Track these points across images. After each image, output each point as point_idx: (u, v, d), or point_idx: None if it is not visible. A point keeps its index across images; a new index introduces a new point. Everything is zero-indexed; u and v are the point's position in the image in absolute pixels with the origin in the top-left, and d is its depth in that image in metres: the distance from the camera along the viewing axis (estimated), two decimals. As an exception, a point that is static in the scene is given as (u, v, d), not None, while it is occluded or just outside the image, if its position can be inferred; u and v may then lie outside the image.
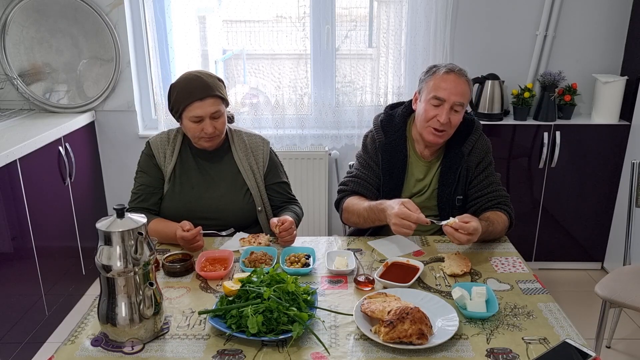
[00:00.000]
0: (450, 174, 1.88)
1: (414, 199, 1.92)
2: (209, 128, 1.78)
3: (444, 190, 1.89)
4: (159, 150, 1.90)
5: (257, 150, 1.96)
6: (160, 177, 1.90)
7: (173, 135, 1.93)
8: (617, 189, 3.07)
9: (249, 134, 1.99)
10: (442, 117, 1.77)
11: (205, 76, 1.81)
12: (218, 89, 1.80)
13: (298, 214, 1.97)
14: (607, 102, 2.99)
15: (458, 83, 1.79)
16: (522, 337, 1.27)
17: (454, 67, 1.83)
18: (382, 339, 1.21)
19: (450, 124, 1.80)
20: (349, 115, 3.20)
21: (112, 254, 1.20)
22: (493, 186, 1.88)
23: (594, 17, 3.04)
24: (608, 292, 2.07)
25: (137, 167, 1.94)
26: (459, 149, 1.88)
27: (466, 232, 1.58)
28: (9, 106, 3.06)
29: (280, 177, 2.01)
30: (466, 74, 1.84)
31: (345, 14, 3.08)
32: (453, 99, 1.77)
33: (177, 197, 1.88)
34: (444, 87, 1.78)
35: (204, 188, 1.89)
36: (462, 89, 1.79)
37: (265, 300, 1.27)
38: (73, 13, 2.94)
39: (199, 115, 1.77)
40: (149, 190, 1.89)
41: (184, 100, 1.77)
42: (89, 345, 1.26)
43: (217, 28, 3.23)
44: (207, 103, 1.77)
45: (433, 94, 1.80)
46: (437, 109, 1.79)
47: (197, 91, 1.76)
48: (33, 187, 2.46)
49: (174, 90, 1.82)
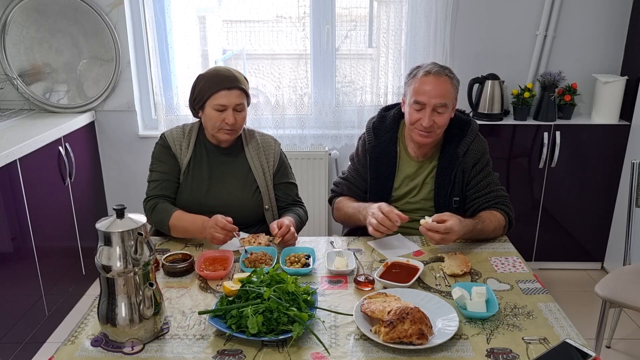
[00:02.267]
0: (446, 176, 1.88)
1: (408, 199, 1.93)
2: (231, 118, 1.81)
3: (440, 192, 1.89)
4: (175, 142, 1.92)
5: (269, 150, 1.98)
6: (176, 166, 1.91)
7: (188, 129, 1.95)
8: (617, 189, 3.07)
9: (261, 133, 2.03)
10: (425, 120, 1.77)
11: (235, 71, 1.87)
12: (244, 85, 1.86)
13: (301, 216, 1.98)
14: (607, 102, 2.99)
15: (437, 84, 1.78)
16: (522, 337, 1.27)
17: (432, 67, 1.80)
18: (382, 339, 1.22)
19: (436, 125, 1.80)
20: (349, 115, 3.20)
21: (112, 254, 1.20)
22: (491, 187, 1.88)
23: (594, 17, 3.04)
24: (608, 292, 2.07)
25: (152, 158, 1.94)
26: (454, 151, 1.88)
27: (438, 231, 1.61)
28: (9, 106, 3.05)
29: (289, 178, 2.03)
30: (448, 72, 1.82)
31: (345, 14, 3.08)
32: (433, 102, 1.76)
33: (189, 190, 1.89)
34: (423, 90, 1.78)
35: (214, 183, 1.91)
36: (442, 90, 1.77)
37: (265, 300, 1.27)
38: (73, 13, 2.94)
39: (224, 103, 1.80)
40: (168, 178, 1.89)
41: (212, 88, 1.81)
42: (89, 345, 1.26)
43: (217, 28, 3.23)
44: (234, 94, 1.81)
45: (414, 98, 1.80)
46: (419, 113, 1.79)
47: (226, 81, 1.81)
48: (33, 187, 2.46)
49: (201, 80, 1.85)
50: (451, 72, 1.84)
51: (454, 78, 1.83)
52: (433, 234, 1.62)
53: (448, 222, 1.62)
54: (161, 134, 1.96)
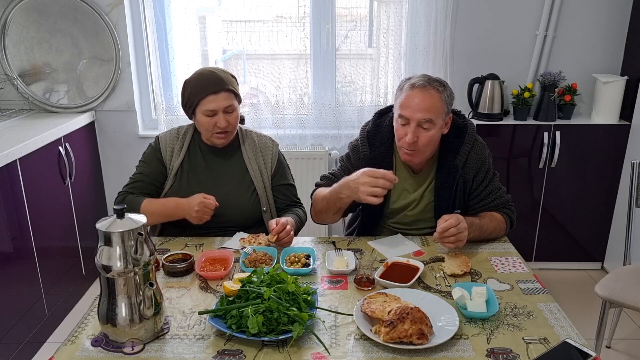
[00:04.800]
0: (446, 190, 1.79)
1: (406, 212, 1.87)
2: (222, 122, 1.80)
3: (441, 205, 1.82)
4: (167, 146, 1.91)
5: (266, 151, 1.97)
6: (161, 171, 1.91)
7: (183, 131, 1.95)
8: (617, 189, 3.07)
9: (259, 134, 2.01)
10: (409, 136, 1.68)
11: (219, 71, 1.85)
12: (231, 84, 1.84)
13: (300, 216, 1.97)
14: (607, 102, 2.99)
15: (422, 98, 1.67)
16: (522, 337, 1.27)
17: (419, 80, 1.70)
18: (382, 339, 1.21)
19: (420, 143, 1.69)
20: (349, 115, 3.20)
21: (112, 254, 1.20)
22: (493, 194, 1.83)
23: (594, 17, 3.04)
24: (608, 292, 2.07)
25: (142, 157, 1.95)
26: (452, 162, 1.78)
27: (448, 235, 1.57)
28: (9, 106, 3.06)
29: (287, 180, 2.02)
30: (437, 86, 1.70)
31: (345, 14, 3.08)
32: (417, 117, 1.66)
33: (184, 192, 1.88)
34: (407, 104, 1.68)
35: (210, 185, 1.90)
36: (427, 104, 1.66)
37: (266, 300, 1.27)
38: (73, 13, 2.94)
39: (212, 108, 1.79)
40: (146, 180, 1.90)
41: (199, 94, 1.80)
42: (89, 345, 1.25)
43: (217, 28, 3.23)
44: (221, 97, 1.80)
45: (399, 112, 1.72)
46: (404, 128, 1.70)
47: (211, 85, 1.79)
48: (33, 187, 2.46)
49: (188, 86, 1.84)
50: (442, 84, 1.72)
51: (444, 92, 1.71)
52: (448, 237, 1.59)
53: (449, 219, 1.60)
54: (157, 136, 1.96)
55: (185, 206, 1.76)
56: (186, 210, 1.75)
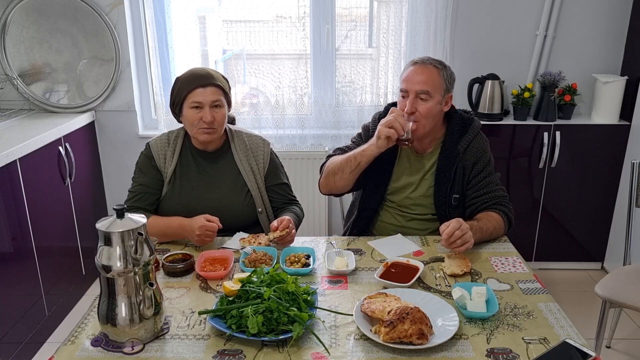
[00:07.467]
0: (446, 172, 1.88)
1: (407, 194, 1.93)
2: (208, 116, 1.79)
3: (440, 189, 1.88)
4: (158, 152, 1.90)
5: (258, 151, 1.96)
6: (158, 178, 1.90)
7: (174, 136, 1.93)
8: (617, 189, 3.07)
9: (249, 134, 1.99)
10: (407, 106, 1.80)
11: (211, 70, 1.87)
12: (221, 82, 1.85)
13: (298, 214, 1.97)
14: (607, 102, 2.99)
15: (420, 72, 1.81)
16: (522, 337, 1.27)
17: (420, 59, 1.86)
18: (382, 339, 1.22)
19: (420, 114, 1.80)
20: (349, 115, 3.20)
21: (112, 254, 1.20)
22: (490, 187, 1.87)
23: (594, 17, 3.04)
24: (608, 292, 2.07)
25: (136, 167, 1.94)
26: (454, 147, 1.88)
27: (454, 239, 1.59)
28: (9, 106, 3.06)
29: (281, 179, 2.01)
30: (437, 63, 1.84)
31: (345, 14, 3.08)
32: (415, 88, 1.79)
33: (177, 198, 1.87)
34: (407, 79, 1.83)
35: (204, 189, 1.89)
36: (424, 77, 1.80)
37: (266, 300, 1.27)
38: (73, 13, 2.94)
39: (199, 100, 1.79)
40: (147, 190, 1.89)
41: (187, 87, 1.81)
42: (89, 345, 1.26)
43: (217, 28, 3.23)
44: (209, 91, 1.80)
45: (400, 87, 1.86)
46: (405, 100, 1.83)
47: (200, 78, 1.81)
48: (33, 187, 2.46)
49: (177, 82, 1.86)
50: (441, 64, 1.85)
51: (443, 70, 1.83)
52: (455, 241, 1.60)
53: (450, 224, 1.61)
54: (147, 143, 1.94)
55: (188, 227, 1.73)
56: (188, 232, 1.73)
